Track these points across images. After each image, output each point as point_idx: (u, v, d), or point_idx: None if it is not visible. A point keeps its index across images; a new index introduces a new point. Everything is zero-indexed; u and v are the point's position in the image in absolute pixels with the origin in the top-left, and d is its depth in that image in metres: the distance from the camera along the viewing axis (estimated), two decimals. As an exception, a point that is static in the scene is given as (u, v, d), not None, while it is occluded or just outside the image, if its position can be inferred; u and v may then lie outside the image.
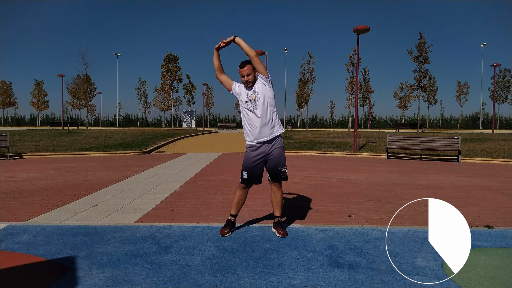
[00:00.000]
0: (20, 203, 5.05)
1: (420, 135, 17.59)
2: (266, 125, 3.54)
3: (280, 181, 3.68)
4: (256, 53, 3.50)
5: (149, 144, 16.22)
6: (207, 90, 56.68)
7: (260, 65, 3.49)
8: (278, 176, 3.62)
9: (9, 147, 11.40)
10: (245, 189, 3.69)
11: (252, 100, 3.52)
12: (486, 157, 11.94)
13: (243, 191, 3.70)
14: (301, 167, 9.53)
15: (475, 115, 61.71)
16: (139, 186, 6.41)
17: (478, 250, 3.23)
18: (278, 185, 3.68)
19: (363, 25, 12.89)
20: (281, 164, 3.60)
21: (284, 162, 3.63)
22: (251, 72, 3.51)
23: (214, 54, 3.61)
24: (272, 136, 3.57)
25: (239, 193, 3.71)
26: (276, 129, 3.61)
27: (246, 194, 3.73)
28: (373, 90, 55.11)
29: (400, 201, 5.33)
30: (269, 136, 3.56)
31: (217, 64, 3.63)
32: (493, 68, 30.17)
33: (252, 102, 3.53)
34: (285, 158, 3.65)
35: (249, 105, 3.55)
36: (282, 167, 3.60)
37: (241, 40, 3.53)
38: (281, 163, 3.60)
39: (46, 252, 3.11)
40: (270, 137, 3.57)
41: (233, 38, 3.53)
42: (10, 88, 61.12)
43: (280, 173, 3.61)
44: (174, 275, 2.68)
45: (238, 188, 3.73)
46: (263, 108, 3.52)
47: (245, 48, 3.50)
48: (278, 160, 3.59)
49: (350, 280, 2.61)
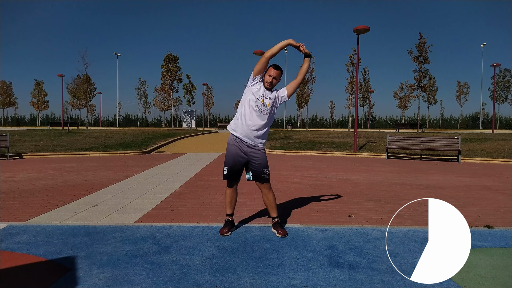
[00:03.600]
0: (20, 203, 5.05)
1: (420, 135, 17.59)
2: (259, 133, 3.57)
3: (264, 182, 3.69)
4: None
5: (149, 144, 16.22)
6: (207, 90, 56.70)
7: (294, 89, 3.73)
8: (261, 177, 3.65)
9: (9, 147, 11.40)
10: (231, 186, 3.72)
11: (263, 105, 3.53)
12: (486, 157, 11.94)
13: (232, 189, 3.73)
14: (301, 167, 9.53)
15: (475, 115, 61.73)
16: (139, 186, 6.41)
17: (478, 250, 3.23)
18: (267, 187, 3.70)
19: (363, 25, 12.89)
20: (264, 166, 3.63)
21: (267, 164, 3.67)
22: (278, 79, 3.60)
23: (283, 44, 3.52)
24: (256, 143, 3.60)
25: (228, 191, 3.74)
26: (261, 141, 3.64)
27: (235, 191, 3.76)
28: (373, 90, 55.12)
29: (400, 201, 5.33)
30: (253, 142, 3.58)
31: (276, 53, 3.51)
32: (493, 68, 30.16)
33: (266, 106, 3.54)
34: (267, 161, 3.69)
35: (259, 106, 3.53)
36: (264, 169, 3.64)
37: (308, 63, 3.70)
38: (264, 165, 3.63)
39: (46, 252, 3.11)
40: (255, 143, 3.59)
41: (309, 54, 3.68)
42: (10, 88, 61.18)
43: (262, 174, 3.64)
44: (174, 275, 2.68)
45: (226, 187, 3.77)
46: (269, 117, 3.58)
47: (306, 68, 3.71)
48: (262, 163, 3.62)
49: (350, 280, 2.61)
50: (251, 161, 3.61)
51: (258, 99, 3.52)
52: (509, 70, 53.07)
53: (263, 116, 3.53)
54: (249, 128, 3.53)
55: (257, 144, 3.60)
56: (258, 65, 3.50)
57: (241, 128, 3.56)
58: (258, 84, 3.56)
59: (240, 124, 3.57)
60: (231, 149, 3.63)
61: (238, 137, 3.58)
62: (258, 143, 3.60)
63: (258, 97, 3.53)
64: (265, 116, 3.53)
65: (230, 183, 3.71)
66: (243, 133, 3.55)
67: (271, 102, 3.56)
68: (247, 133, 3.54)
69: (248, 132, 3.53)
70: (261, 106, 3.52)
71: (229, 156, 3.64)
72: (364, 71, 54.64)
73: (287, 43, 3.54)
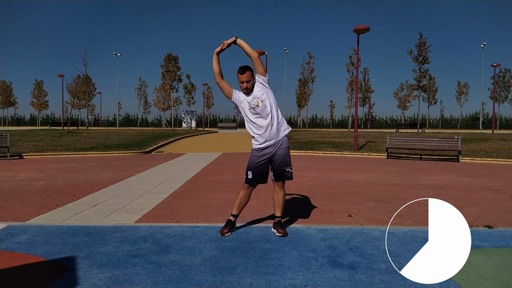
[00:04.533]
0: (20, 203, 5.05)
1: (420, 135, 17.59)
2: (275, 126, 3.53)
3: (283, 180, 3.67)
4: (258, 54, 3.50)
5: (149, 144, 16.21)
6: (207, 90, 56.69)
7: (262, 66, 3.49)
8: (282, 175, 3.62)
9: (9, 147, 11.41)
10: (249, 189, 3.68)
11: (256, 107, 3.51)
12: (486, 157, 11.94)
13: (247, 192, 3.68)
14: (301, 167, 9.53)
15: (475, 115, 61.68)
16: (139, 186, 6.41)
17: (478, 250, 3.23)
18: (281, 185, 3.68)
19: (363, 25, 12.89)
20: (286, 164, 3.60)
21: (289, 162, 3.64)
22: (251, 79, 3.49)
23: (214, 58, 3.57)
24: (280, 136, 3.58)
25: (242, 193, 3.69)
26: (284, 129, 3.62)
27: (249, 195, 3.72)
28: (373, 90, 55.11)
29: (400, 201, 5.33)
30: (277, 136, 3.56)
31: (217, 69, 3.57)
32: (493, 68, 30.15)
33: (256, 108, 3.51)
34: (290, 158, 3.66)
35: (253, 112, 3.52)
36: (287, 167, 3.61)
37: (243, 41, 3.50)
38: (286, 163, 3.60)
39: (46, 252, 3.11)
40: (279, 137, 3.57)
41: (234, 40, 3.50)
42: (10, 88, 61.09)
43: (284, 172, 3.61)
44: (174, 275, 2.68)
45: (242, 188, 3.71)
46: (270, 111, 3.52)
47: (247, 50, 3.48)
48: (284, 161, 3.59)
49: (350, 280, 2.61)
50: (273, 158, 3.58)
51: (250, 109, 3.53)
52: (509, 70, 53.06)
53: (264, 115, 3.51)
54: (263, 134, 3.52)
55: (281, 138, 3.58)
56: (222, 92, 3.62)
57: (259, 138, 3.55)
58: (240, 97, 3.58)
59: (257, 136, 3.57)
60: (255, 153, 3.60)
61: (263, 147, 3.56)
62: (281, 136, 3.59)
63: (249, 108, 3.53)
64: (266, 114, 3.51)
65: (251, 186, 3.66)
66: (264, 140, 3.54)
67: (258, 99, 3.51)
68: (266, 137, 3.53)
69: (265, 136, 3.52)
70: (255, 109, 3.51)
71: (253, 160, 3.59)
72: (364, 71, 54.65)
73: (215, 54, 3.55)
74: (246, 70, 3.48)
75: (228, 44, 3.52)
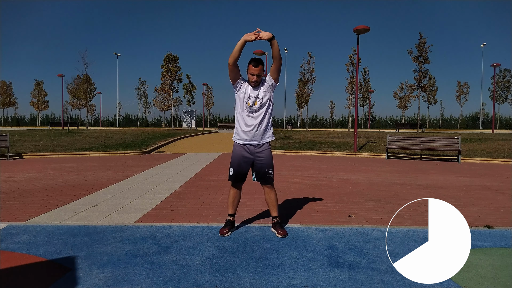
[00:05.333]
0: (20, 203, 5.05)
1: (420, 135, 17.59)
2: (261, 129, 3.55)
3: (268, 183, 3.68)
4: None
5: (149, 144, 16.21)
6: (207, 90, 56.70)
7: (279, 73, 3.53)
8: (265, 177, 3.64)
9: (9, 147, 11.40)
10: (236, 187, 3.73)
11: (253, 105, 3.51)
12: (486, 157, 11.94)
13: (236, 189, 3.73)
14: (301, 167, 9.53)
15: (475, 115, 61.70)
16: (139, 186, 6.41)
17: (478, 250, 3.23)
18: (270, 186, 3.70)
19: (363, 25, 12.89)
20: (268, 166, 3.62)
21: (271, 164, 3.65)
22: (261, 74, 3.49)
23: (240, 43, 3.33)
24: (262, 141, 3.60)
25: (232, 191, 3.75)
26: (268, 135, 3.62)
27: (239, 191, 3.76)
28: (373, 90, 55.12)
29: (400, 201, 5.33)
30: (259, 141, 3.58)
31: (237, 55, 3.37)
32: (493, 68, 30.16)
33: (252, 107, 3.51)
34: (272, 161, 3.67)
35: (248, 109, 3.52)
36: (269, 169, 3.63)
37: (277, 42, 3.37)
38: (268, 165, 3.62)
39: (46, 252, 3.11)
40: (261, 142, 3.59)
41: (271, 37, 3.34)
42: (10, 88, 61.16)
43: (267, 174, 3.63)
44: (174, 275, 2.68)
45: (230, 187, 3.77)
46: (263, 114, 3.53)
47: (277, 52, 3.37)
48: (266, 163, 3.61)
49: (350, 280, 2.61)
50: (255, 160, 3.61)
51: (246, 103, 3.52)
52: (509, 70, 53.07)
53: (256, 115, 3.52)
54: (248, 131, 3.54)
55: (263, 143, 3.60)
56: (229, 73, 3.48)
57: (242, 134, 3.58)
58: (242, 87, 3.54)
59: (240, 131, 3.59)
60: (237, 150, 3.64)
61: (243, 144, 3.60)
62: (263, 142, 3.60)
63: (245, 101, 3.53)
64: (258, 115, 3.52)
65: (236, 184, 3.71)
66: (246, 137, 3.56)
67: (260, 98, 3.51)
68: (250, 136, 3.55)
69: (249, 135, 3.55)
70: (251, 107, 3.51)
71: (234, 157, 3.64)
72: (364, 71, 54.66)
73: (243, 40, 3.32)
74: (260, 64, 3.46)
75: (262, 37, 3.33)
